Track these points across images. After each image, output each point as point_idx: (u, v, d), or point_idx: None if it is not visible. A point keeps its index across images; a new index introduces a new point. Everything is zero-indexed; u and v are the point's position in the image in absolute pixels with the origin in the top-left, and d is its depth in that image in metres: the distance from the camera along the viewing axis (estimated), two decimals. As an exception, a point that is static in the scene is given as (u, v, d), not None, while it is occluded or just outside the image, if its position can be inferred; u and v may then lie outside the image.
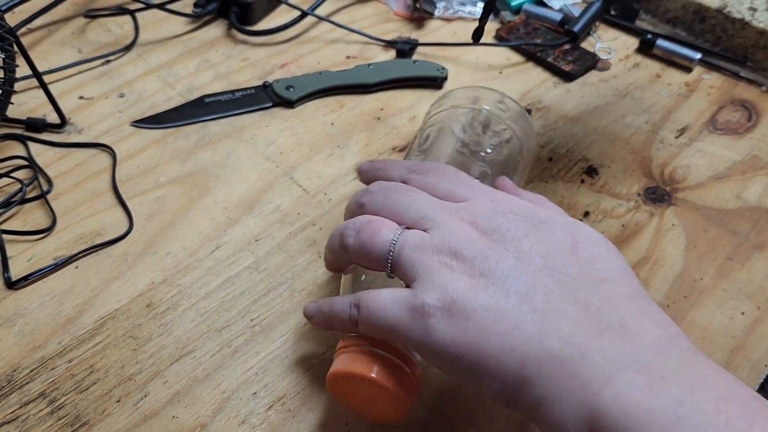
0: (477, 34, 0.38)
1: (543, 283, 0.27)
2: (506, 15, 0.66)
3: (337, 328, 0.32)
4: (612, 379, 0.23)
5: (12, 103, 0.50)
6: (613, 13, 0.65)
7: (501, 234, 0.29)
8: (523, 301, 0.27)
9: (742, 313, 0.41)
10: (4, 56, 0.46)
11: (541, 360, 0.25)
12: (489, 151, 0.40)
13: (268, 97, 0.55)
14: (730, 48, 0.60)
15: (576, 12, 0.65)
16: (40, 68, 0.50)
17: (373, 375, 0.29)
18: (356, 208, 0.34)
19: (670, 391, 0.22)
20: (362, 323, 0.30)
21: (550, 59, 0.60)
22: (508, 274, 0.28)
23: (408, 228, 0.31)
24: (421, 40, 0.62)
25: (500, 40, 0.63)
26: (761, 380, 0.37)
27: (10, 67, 0.47)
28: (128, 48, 0.60)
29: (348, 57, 0.60)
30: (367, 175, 0.38)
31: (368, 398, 0.32)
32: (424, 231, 0.30)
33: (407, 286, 0.30)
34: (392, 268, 0.30)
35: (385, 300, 0.29)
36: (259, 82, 0.56)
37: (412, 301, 0.28)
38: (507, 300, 0.27)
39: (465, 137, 0.40)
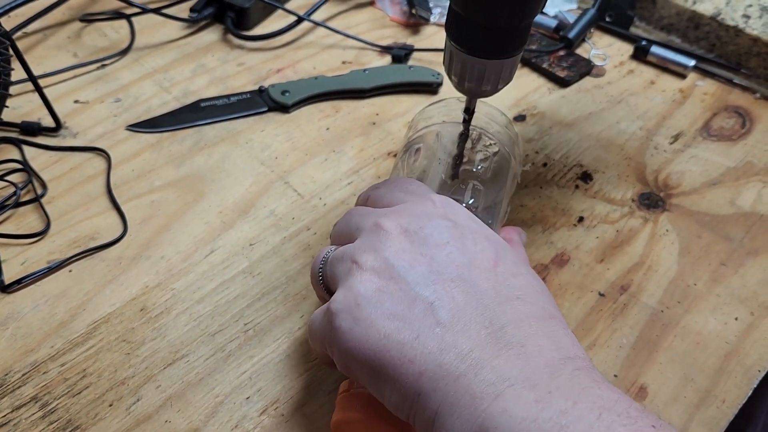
0: (453, 177, 0.40)
1: (451, 295, 0.27)
2: (502, 21, 0.66)
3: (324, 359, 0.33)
4: (501, 394, 0.24)
5: (7, 107, 0.50)
6: (607, 19, 0.66)
7: (422, 237, 0.29)
8: (427, 312, 0.27)
9: (736, 319, 0.41)
10: (-1, 60, 0.47)
11: (437, 374, 0.25)
12: (480, 167, 0.40)
13: (263, 101, 0.55)
14: (724, 55, 0.60)
15: (571, 18, 0.65)
16: (36, 72, 0.50)
17: (365, 415, 0.29)
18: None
19: (555, 403, 0.23)
20: (310, 339, 0.32)
21: (545, 65, 0.60)
22: (417, 281, 0.28)
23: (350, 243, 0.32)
24: (416, 46, 0.62)
25: (496, 46, 0.63)
26: (754, 385, 0.38)
27: (5, 71, 0.47)
28: (124, 52, 0.60)
29: (344, 62, 0.60)
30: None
31: None
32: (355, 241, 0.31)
33: None
34: (324, 286, 0.32)
35: (316, 312, 0.31)
36: (255, 87, 0.56)
37: (326, 306, 0.29)
38: (411, 309, 0.27)
39: (453, 154, 0.40)
